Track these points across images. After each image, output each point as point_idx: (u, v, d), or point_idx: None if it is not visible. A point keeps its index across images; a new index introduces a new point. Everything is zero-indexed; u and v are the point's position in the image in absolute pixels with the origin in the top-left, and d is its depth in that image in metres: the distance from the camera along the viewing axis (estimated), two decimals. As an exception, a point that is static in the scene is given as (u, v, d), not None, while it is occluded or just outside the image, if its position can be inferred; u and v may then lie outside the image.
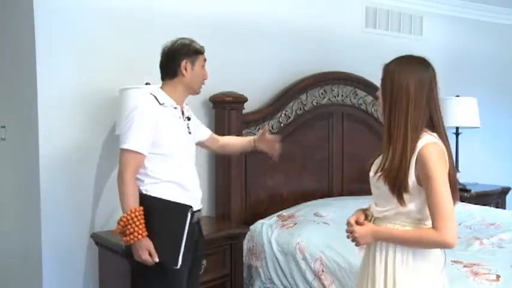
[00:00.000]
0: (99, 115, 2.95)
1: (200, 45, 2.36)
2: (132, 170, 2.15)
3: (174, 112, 2.27)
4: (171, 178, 2.22)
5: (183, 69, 2.28)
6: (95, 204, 2.97)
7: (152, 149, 2.17)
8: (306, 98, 3.70)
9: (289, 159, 3.58)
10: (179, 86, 2.30)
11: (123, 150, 2.16)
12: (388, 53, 4.59)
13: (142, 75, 2.97)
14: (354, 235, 1.82)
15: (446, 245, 1.64)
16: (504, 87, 5.02)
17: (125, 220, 2.09)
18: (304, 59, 3.79)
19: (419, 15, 4.47)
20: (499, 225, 3.19)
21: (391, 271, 1.75)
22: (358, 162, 3.97)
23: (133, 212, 2.09)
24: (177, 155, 2.25)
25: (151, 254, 2.10)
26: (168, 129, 2.21)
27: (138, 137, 2.14)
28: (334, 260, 2.74)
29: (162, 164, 2.20)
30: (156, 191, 2.19)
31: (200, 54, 2.33)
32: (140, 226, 2.09)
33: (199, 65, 2.32)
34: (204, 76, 2.35)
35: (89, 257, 2.94)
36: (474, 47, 4.83)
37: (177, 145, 2.25)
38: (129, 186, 2.13)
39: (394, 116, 1.73)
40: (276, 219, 3.26)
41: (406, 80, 1.72)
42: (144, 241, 2.09)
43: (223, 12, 3.40)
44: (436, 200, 1.62)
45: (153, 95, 2.24)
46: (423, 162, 1.65)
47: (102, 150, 2.98)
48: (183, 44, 2.32)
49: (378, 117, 4.09)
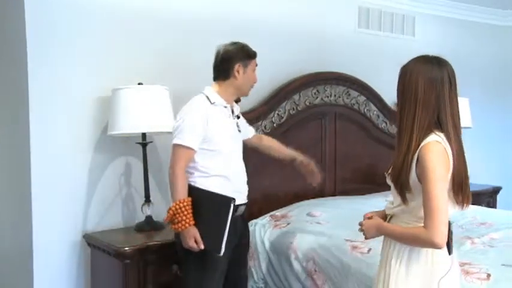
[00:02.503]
0: (92, 115, 2.94)
1: (253, 50, 2.51)
2: (183, 163, 2.34)
3: (224, 111, 2.46)
4: (218, 172, 2.39)
5: (235, 72, 2.45)
6: (87, 204, 2.95)
7: (202, 144, 2.36)
8: (298, 98, 3.70)
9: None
10: (230, 87, 2.47)
11: (175, 145, 2.36)
12: (381, 53, 4.69)
13: (134, 75, 2.97)
14: (362, 228, 1.91)
15: (433, 245, 1.64)
16: (496, 87, 5.05)
17: (174, 209, 2.28)
18: (297, 59, 3.79)
19: (411, 15, 4.49)
20: (490, 224, 3.21)
21: (388, 275, 1.78)
22: (350, 162, 4.00)
23: (182, 202, 2.28)
24: (225, 151, 2.42)
25: (197, 241, 2.28)
26: (218, 126, 2.39)
27: (189, 133, 2.33)
28: (327, 259, 2.74)
29: (211, 159, 2.38)
30: (204, 184, 2.37)
31: (252, 59, 2.49)
32: (188, 215, 2.27)
33: (251, 69, 2.48)
34: (254, 80, 2.51)
35: (81, 258, 2.93)
36: (466, 48, 4.85)
37: (226, 142, 2.42)
38: (178, 178, 2.32)
39: (403, 116, 1.75)
40: (269, 219, 3.27)
41: (415, 80, 1.73)
42: (191, 229, 2.28)
43: (215, 13, 3.39)
44: (429, 199, 1.63)
45: (206, 95, 2.43)
46: (421, 161, 1.66)
47: (95, 151, 2.97)
48: (238, 48, 2.48)
49: (371, 117, 4.11)
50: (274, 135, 3.55)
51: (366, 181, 4.09)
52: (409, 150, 1.69)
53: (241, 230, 2.56)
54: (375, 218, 1.89)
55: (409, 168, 1.69)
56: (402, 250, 1.76)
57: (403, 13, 4.43)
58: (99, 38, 2.95)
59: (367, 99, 4.07)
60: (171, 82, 3.05)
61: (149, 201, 2.91)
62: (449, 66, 1.76)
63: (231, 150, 2.47)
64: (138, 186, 3.06)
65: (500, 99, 5.10)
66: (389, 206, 1.87)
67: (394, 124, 4.26)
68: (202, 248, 2.29)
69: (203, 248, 2.29)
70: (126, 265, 2.56)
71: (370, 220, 1.90)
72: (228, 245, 2.34)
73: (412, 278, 1.74)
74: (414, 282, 1.74)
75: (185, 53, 3.25)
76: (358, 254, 2.67)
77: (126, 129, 2.79)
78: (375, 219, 1.89)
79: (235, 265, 2.55)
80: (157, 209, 2.99)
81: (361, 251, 2.68)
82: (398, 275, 1.76)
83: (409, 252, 1.75)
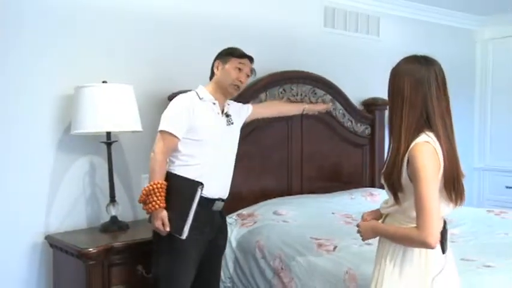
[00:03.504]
0: (54, 114, 2.88)
1: (241, 51, 2.60)
2: (165, 149, 2.41)
3: (212, 107, 2.53)
4: (198, 162, 2.44)
5: (215, 69, 2.59)
6: (49, 205, 2.89)
7: (187, 134, 2.43)
8: (265, 97, 3.71)
9: (249, 158, 3.58)
10: (215, 85, 2.58)
11: (159, 131, 2.43)
12: (346, 53, 4.74)
13: (99, 73, 2.92)
14: (358, 230, 1.94)
15: (425, 245, 1.65)
16: (459, 89, 5.17)
17: (147, 189, 2.35)
18: (263, 58, 3.76)
19: (376, 16, 4.55)
20: (450, 220, 3.28)
21: (382, 274, 1.80)
22: (317, 161, 4.03)
23: (156, 184, 2.35)
24: (209, 143, 2.47)
25: (164, 224, 2.35)
26: (204, 118, 2.47)
27: (174, 121, 2.42)
28: (293, 257, 2.76)
29: (194, 149, 2.45)
30: (182, 172, 2.42)
31: (234, 57, 2.56)
32: (160, 198, 2.34)
33: (231, 66, 2.55)
34: (234, 78, 2.55)
35: (42, 260, 2.87)
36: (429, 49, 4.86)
37: (211, 134, 2.48)
38: (157, 163, 2.39)
39: (392, 117, 1.77)
40: (235, 218, 3.27)
41: (402, 80, 1.73)
42: (160, 212, 2.35)
43: (183, 12, 3.37)
44: (420, 199, 1.64)
45: (196, 92, 2.54)
46: (411, 161, 1.67)
47: (57, 150, 2.91)
48: (223, 49, 2.63)
49: (337, 116, 4.16)
50: (241, 133, 3.54)
51: (332, 179, 4.13)
52: (399, 151, 1.70)
53: (219, 226, 2.61)
54: (370, 220, 1.94)
55: (400, 169, 1.70)
56: (397, 250, 1.77)
57: (368, 13, 4.49)
58: (61, 35, 2.89)
59: (333, 98, 4.11)
60: (136, 81, 3.02)
61: (114, 201, 2.87)
62: (438, 66, 1.76)
63: (216, 143, 2.50)
64: (102, 186, 3.01)
65: (463, 101, 5.24)
66: (384, 205, 1.88)
67: (359, 123, 4.32)
68: (167, 231, 2.35)
69: (168, 230, 2.35)
70: (90, 266, 2.52)
71: (366, 222, 1.93)
72: (202, 237, 2.44)
73: (406, 279, 1.75)
74: (407, 283, 1.75)
75: (151, 51, 3.21)
76: (324, 251, 2.69)
77: (91, 128, 2.75)
78: (371, 221, 1.93)
79: (210, 261, 2.60)
80: (122, 209, 2.95)
81: (327, 249, 2.71)
82: (391, 275, 1.77)
83: (403, 252, 1.76)
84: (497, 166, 5.41)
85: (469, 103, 5.51)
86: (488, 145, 5.54)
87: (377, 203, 3.18)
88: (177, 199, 2.39)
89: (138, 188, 3.01)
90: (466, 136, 5.33)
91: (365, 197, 3.85)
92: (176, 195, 2.39)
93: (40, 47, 2.82)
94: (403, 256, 1.76)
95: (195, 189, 2.36)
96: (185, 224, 2.34)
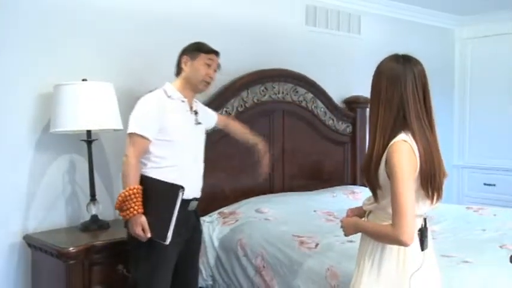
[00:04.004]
0: (33, 112, 2.84)
1: (209, 47, 2.54)
2: (136, 152, 2.35)
3: (181, 105, 2.48)
4: (171, 163, 2.40)
5: (183, 65, 2.51)
6: (28, 204, 2.85)
7: (158, 135, 2.38)
8: (246, 95, 3.71)
9: (230, 156, 3.58)
10: (183, 81, 2.51)
11: (129, 134, 2.37)
12: (328, 51, 4.76)
13: (78, 71, 2.89)
14: (342, 225, 1.94)
15: (399, 243, 1.67)
16: (438, 87, 5.22)
17: (123, 196, 2.28)
18: (245, 56, 3.79)
19: (357, 14, 4.58)
20: (431, 217, 3.32)
21: (361, 270, 1.81)
22: (298, 158, 4.04)
23: (132, 190, 2.28)
24: (180, 142, 2.43)
25: (144, 230, 2.28)
26: (174, 118, 2.41)
27: (144, 123, 2.36)
28: (275, 255, 2.77)
29: (166, 150, 2.40)
30: (156, 174, 2.37)
31: (202, 53, 2.50)
32: (137, 203, 2.28)
33: (200, 62, 2.49)
34: (204, 74, 2.49)
35: (21, 260, 2.82)
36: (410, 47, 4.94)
37: (181, 133, 2.43)
38: (131, 167, 2.33)
39: (371, 116, 1.78)
40: (217, 216, 3.26)
41: (379, 80, 1.74)
42: (139, 217, 2.28)
43: (163, 9, 3.35)
44: (395, 197, 1.65)
45: (164, 89, 2.47)
46: (388, 160, 1.68)
47: (36, 149, 2.86)
48: (190, 44, 2.55)
49: (318, 114, 4.17)
50: (222, 132, 3.54)
51: (314, 177, 4.15)
52: (376, 149, 1.71)
53: (194, 225, 2.58)
54: (353, 216, 1.96)
55: (378, 167, 1.71)
56: (375, 248, 1.78)
57: (349, 12, 4.52)
58: (40, 33, 2.84)
59: (314, 96, 4.13)
60: (116, 79, 2.99)
61: (95, 199, 2.85)
62: (419, 66, 1.76)
63: (187, 143, 2.47)
64: (83, 185, 2.98)
65: (439, 99, 5.28)
66: (366, 202, 1.90)
67: (341, 121, 4.34)
68: (149, 237, 2.29)
69: (150, 236, 2.29)
70: (70, 266, 2.49)
71: (348, 218, 1.94)
72: (179, 239, 2.38)
73: (384, 277, 1.76)
74: (386, 280, 1.76)
75: (131, 48, 3.19)
76: (306, 249, 2.70)
77: (70, 126, 2.72)
78: (353, 217, 1.94)
79: (187, 261, 2.56)
80: (103, 208, 2.92)
81: (309, 246, 2.72)
82: (370, 275, 1.78)
83: (382, 250, 1.77)
84: (476, 164, 5.50)
85: (448, 101, 5.59)
86: (467, 143, 5.62)
87: (359, 201, 3.21)
88: (156, 204, 2.32)
89: (119, 186, 2.98)
90: (446, 134, 5.40)
91: (347, 194, 3.88)
92: (155, 200, 2.33)
93: (18, 44, 2.78)
94: (382, 253, 1.77)
95: (176, 193, 2.30)
96: (168, 230, 2.27)
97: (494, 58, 5.31)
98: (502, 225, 3.19)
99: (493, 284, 2.23)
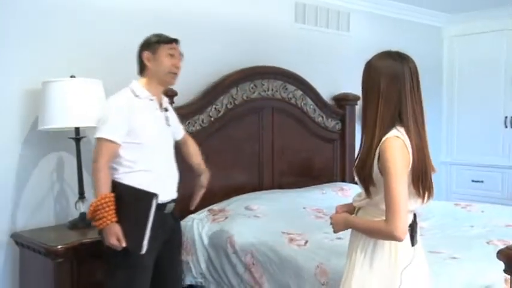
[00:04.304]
0: (20, 109, 2.81)
1: (166, 36, 2.42)
2: (105, 157, 2.25)
3: (150, 104, 2.38)
4: (143, 167, 2.31)
5: (146, 61, 2.39)
6: (15, 202, 2.83)
7: (127, 138, 2.28)
8: (236, 92, 3.70)
9: (220, 153, 3.58)
10: (149, 78, 2.40)
11: (97, 139, 2.27)
12: (317, 48, 4.76)
13: (66, 68, 2.86)
14: (331, 222, 1.93)
15: (393, 238, 1.68)
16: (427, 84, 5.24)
17: (95, 205, 2.19)
18: (234, 53, 3.79)
19: (346, 11, 4.59)
20: (420, 214, 3.34)
21: (352, 265, 1.82)
22: (288, 155, 4.05)
23: (104, 198, 2.19)
24: (151, 144, 2.33)
25: (119, 239, 2.20)
26: (143, 119, 2.32)
27: (112, 126, 2.25)
28: (264, 253, 2.77)
29: (137, 153, 2.30)
30: (129, 179, 2.28)
31: (163, 44, 2.38)
32: (110, 212, 2.19)
33: (163, 54, 2.38)
34: (170, 65, 2.39)
35: (8, 259, 2.80)
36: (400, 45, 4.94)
37: (152, 135, 2.34)
38: (101, 174, 2.23)
39: (366, 111, 1.77)
40: (206, 213, 3.26)
41: (378, 76, 1.74)
42: (113, 227, 2.20)
43: (153, 6, 3.33)
44: (388, 193, 1.66)
45: (131, 89, 2.36)
46: (382, 156, 1.69)
47: (24, 146, 2.84)
48: (145, 39, 2.43)
49: (308, 111, 4.18)
50: (211, 129, 3.55)
51: (303, 174, 4.16)
52: (372, 145, 1.72)
53: (172, 226, 2.48)
54: (342, 212, 1.94)
55: (372, 163, 1.72)
56: (367, 243, 1.79)
57: (338, 9, 4.52)
58: (28, 29, 2.82)
59: (303, 93, 4.14)
60: (105, 75, 2.97)
61: (83, 197, 2.83)
62: (412, 62, 1.78)
63: (158, 144, 2.38)
64: (71, 183, 2.96)
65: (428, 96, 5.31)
66: (357, 198, 1.90)
67: (330, 118, 4.35)
68: (124, 246, 2.21)
69: (124, 245, 2.21)
70: (58, 264, 2.48)
71: (338, 215, 1.94)
72: (156, 243, 2.30)
73: (376, 271, 1.77)
74: (377, 275, 1.77)
75: (120, 45, 3.16)
76: (295, 246, 2.71)
77: (59, 123, 2.70)
78: (342, 214, 1.93)
79: (166, 263, 2.47)
80: (91, 206, 2.91)
81: (298, 244, 2.73)
82: (362, 267, 1.79)
83: (374, 245, 1.78)
84: (464, 160, 5.54)
85: (437, 98, 5.62)
86: (456, 140, 5.66)
87: (348, 198, 3.22)
88: (130, 212, 2.23)
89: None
90: (434, 131, 5.43)
91: (336, 191, 3.89)
92: (128, 208, 2.24)
93: (5, 40, 2.75)
94: (373, 248, 1.78)
95: (149, 201, 2.20)
96: (143, 239, 2.19)
97: (483, 56, 5.35)
98: (490, 221, 3.22)
99: (481, 280, 2.25)
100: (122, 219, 2.22)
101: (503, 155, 5.28)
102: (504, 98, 5.24)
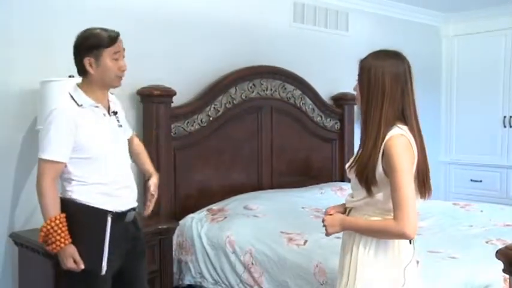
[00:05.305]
0: (19, 109, 2.81)
1: (107, 35, 2.11)
2: (50, 179, 2.06)
3: (95, 111, 2.13)
4: (97, 180, 2.12)
5: (88, 68, 2.11)
6: (14, 202, 2.82)
7: (75, 153, 2.08)
8: (235, 92, 3.70)
9: (219, 152, 3.58)
10: (92, 83, 2.14)
11: (40, 159, 2.07)
12: (316, 48, 4.76)
13: (65, 67, 2.85)
14: (323, 224, 1.87)
15: (404, 236, 1.67)
16: (426, 84, 5.26)
17: (45, 230, 2.02)
18: (233, 52, 3.79)
19: (345, 11, 4.59)
20: (419, 213, 3.35)
21: (354, 262, 1.80)
22: (287, 155, 4.05)
23: (54, 221, 2.02)
24: (101, 156, 2.12)
25: (76, 261, 2.05)
26: (90, 131, 2.09)
27: (56, 146, 2.04)
28: (263, 252, 2.77)
29: (86, 168, 2.10)
30: (82, 194, 2.10)
31: (104, 48, 2.09)
32: (62, 234, 2.03)
33: (108, 58, 2.10)
34: (120, 68, 2.14)
35: (7, 259, 2.80)
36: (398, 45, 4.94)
37: (101, 146, 2.12)
38: (47, 196, 2.05)
39: (370, 110, 1.76)
40: (205, 213, 3.26)
41: (382, 74, 1.74)
42: (68, 249, 2.04)
43: (152, 4, 3.33)
44: (397, 191, 1.65)
45: (71, 96, 2.12)
46: (387, 154, 1.68)
47: (22, 146, 2.83)
48: (82, 38, 2.13)
49: (306, 111, 4.18)
50: (210, 128, 3.55)
51: (302, 174, 4.16)
52: (376, 144, 1.72)
53: (134, 235, 2.27)
54: (336, 214, 1.89)
55: (376, 162, 1.71)
56: (369, 240, 1.78)
57: (337, 9, 4.53)
58: (26, 28, 2.81)
59: (302, 93, 4.14)
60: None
61: (82, 197, 2.81)
62: (407, 61, 1.80)
63: (109, 154, 2.15)
64: (69, 182, 2.95)
65: (426, 95, 5.33)
66: (350, 199, 1.88)
67: (329, 117, 4.35)
68: (82, 268, 2.05)
69: (83, 267, 2.05)
70: (56, 264, 2.46)
71: (331, 216, 1.88)
72: (115, 255, 2.14)
73: (381, 268, 1.76)
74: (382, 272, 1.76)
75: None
76: (294, 246, 2.71)
77: (56, 123, 2.68)
78: (336, 214, 1.88)
79: (133, 274, 2.30)
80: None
81: (297, 243, 2.73)
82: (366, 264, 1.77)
83: (376, 242, 1.77)
84: (463, 160, 5.55)
85: (435, 98, 5.62)
86: (454, 139, 5.67)
87: (346, 197, 3.22)
88: (84, 232, 2.08)
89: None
90: (433, 130, 5.43)
91: (334, 191, 3.89)
92: (82, 227, 2.07)
93: (4, 40, 2.74)
94: (377, 246, 1.77)
95: (104, 220, 2.07)
96: (102, 260, 2.06)
97: (481, 55, 5.36)
98: (489, 221, 3.23)
99: (480, 280, 2.26)
100: (77, 239, 2.06)
101: (501, 155, 5.29)
102: (503, 98, 5.26)
